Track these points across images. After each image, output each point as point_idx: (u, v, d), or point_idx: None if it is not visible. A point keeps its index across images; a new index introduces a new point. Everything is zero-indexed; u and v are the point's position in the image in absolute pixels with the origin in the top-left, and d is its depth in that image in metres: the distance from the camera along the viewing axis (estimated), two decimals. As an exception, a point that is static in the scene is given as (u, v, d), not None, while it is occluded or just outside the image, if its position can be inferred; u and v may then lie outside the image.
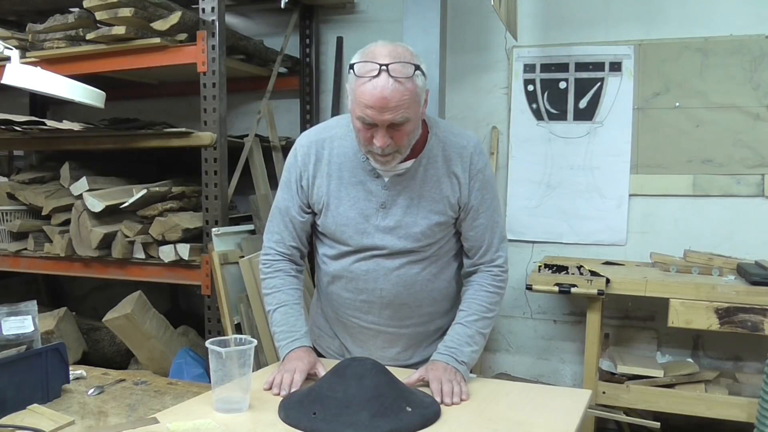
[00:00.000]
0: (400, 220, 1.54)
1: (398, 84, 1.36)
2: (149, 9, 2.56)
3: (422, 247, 1.56)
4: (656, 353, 2.96)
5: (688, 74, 2.89)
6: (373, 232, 1.55)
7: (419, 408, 1.31)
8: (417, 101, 1.42)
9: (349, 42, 3.39)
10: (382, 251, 1.56)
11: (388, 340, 1.64)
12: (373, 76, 1.36)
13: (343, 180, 1.56)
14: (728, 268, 2.66)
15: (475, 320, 1.57)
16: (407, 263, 1.57)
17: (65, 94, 1.81)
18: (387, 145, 1.42)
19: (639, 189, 2.99)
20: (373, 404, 1.26)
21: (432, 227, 1.55)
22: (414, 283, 1.58)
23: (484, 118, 3.23)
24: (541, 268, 2.77)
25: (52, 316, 3.00)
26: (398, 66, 1.37)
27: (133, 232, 2.72)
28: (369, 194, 1.55)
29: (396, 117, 1.38)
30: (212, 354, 1.31)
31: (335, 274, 1.62)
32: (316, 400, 1.30)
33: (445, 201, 1.55)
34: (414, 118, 1.43)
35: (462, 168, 1.55)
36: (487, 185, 1.59)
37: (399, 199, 1.54)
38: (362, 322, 1.64)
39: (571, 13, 3.06)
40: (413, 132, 1.46)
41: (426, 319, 1.65)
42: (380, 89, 1.36)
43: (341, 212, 1.56)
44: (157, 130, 2.69)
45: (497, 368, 3.28)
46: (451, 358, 1.50)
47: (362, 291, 1.59)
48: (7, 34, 2.82)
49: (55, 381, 1.48)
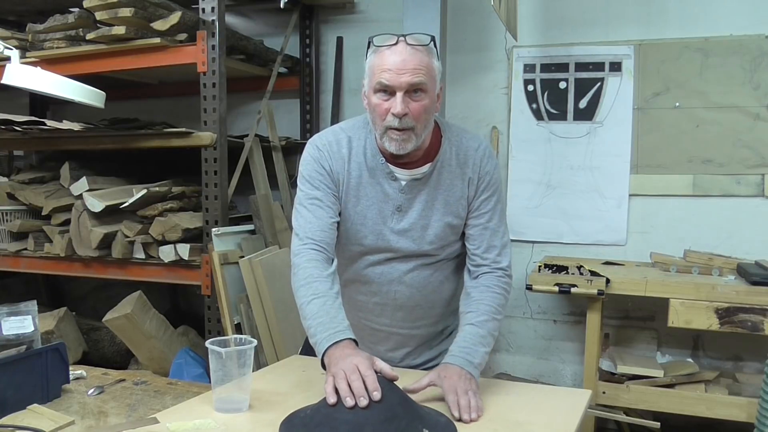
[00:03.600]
0: (415, 223, 1.55)
1: (415, 50, 1.43)
2: (149, 9, 2.56)
3: (436, 250, 1.57)
4: (656, 353, 2.96)
5: (688, 74, 2.89)
6: (388, 234, 1.55)
7: (436, 430, 1.19)
8: (433, 76, 1.45)
9: (349, 42, 3.39)
10: (396, 254, 1.56)
11: (399, 342, 1.65)
12: (392, 44, 1.44)
13: (363, 179, 1.55)
14: (728, 268, 2.66)
15: (486, 321, 1.53)
16: (421, 266, 1.58)
17: (65, 94, 1.81)
18: (404, 114, 1.42)
19: (639, 189, 2.99)
20: (388, 428, 1.13)
21: (446, 230, 1.56)
22: (427, 285, 1.59)
23: (484, 118, 3.23)
24: (541, 268, 2.77)
25: (52, 316, 3.00)
26: (415, 36, 1.45)
27: (133, 232, 2.72)
28: (386, 196, 1.55)
29: (414, 79, 1.41)
30: (212, 354, 1.31)
31: (349, 278, 1.62)
32: (322, 423, 1.15)
33: (459, 204, 1.56)
34: (430, 92, 1.45)
35: (473, 170, 1.57)
36: (493, 187, 1.59)
37: (415, 202, 1.55)
38: (374, 325, 1.64)
39: (571, 13, 3.06)
40: (429, 110, 1.46)
41: (436, 320, 1.67)
42: (399, 53, 1.42)
43: (359, 210, 1.56)
44: (157, 130, 2.69)
45: (497, 368, 3.28)
46: (465, 361, 1.44)
47: (376, 294, 1.60)
48: (7, 34, 2.82)
49: (55, 381, 1.48)
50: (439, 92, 1.50)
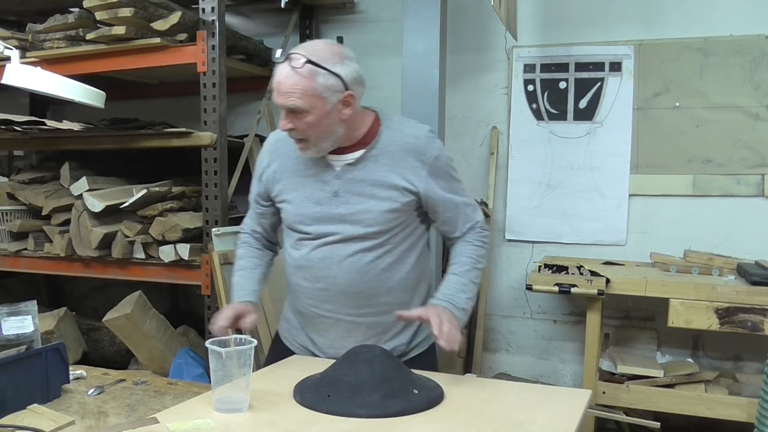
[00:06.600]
0: (352, 207, 1.61)
1: (293, 73, 1.48)
2: (149, 9, 2.56)
3: (374, 234, 1.61)
4: (656, 353, 2.96)
5: (688, 74, 2.90)
6: (328, 219, 1.62)
7: (425, 390, 1.40)
8: (315, 96, 1.50)
9: (349, 42, 3.38)
10: (335, 237, 1.62)
11: (346, 330, 1.68)
12: (280, 62, 1.51)
13: (300, 173, 1.66)
14: (728, 268, 2.66)
15: (467, 270, 1.66)
16: (360, 251, 1.62)
17: (65, 94, 1.81)
18: (288, 129, 1.54)
19: (639, 189, 2.99)
20: (383, 387, 1.35)
21: (384, 213, 1.60)
22: (367, 271, 1.63)
23: (484, 118, 3.23)
24: (541, 268, 2.77)
25: (52, 316, 3.00)
26: (300, 58, 1.48)
27: (133, 232, 2.72)
28: (323, 184, 1.63)
29: (287, 103, 1.50)
30: (212, 354, 1.31)
31: (296, 264, 1.69)
32: (330, 384, 1.38)
33: (396, 189, 1.60)
34: (314, 111, 1.51)
35: (415, 158, 1.61)
36: (444, 169, 1.65)
37: (351, 187, 1.61)
38: (321, 311, 1.69)
39: (571, 13, 3.06)
40: (317, 125, 1.53)
41: (383, 309, 1.67)
42: (279, 73, 1.51)
43: (299, 202, 1.65)
44: (157, 130, 2.69)
45: (497, 368, 3.28)
46: (449, 304, 1.58)
47: (319, 279, 1.65)
48: (7, 34, 2.82)
49: (55, 381, 1.48)
50: (347, 98, 1.53)
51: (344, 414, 1.30)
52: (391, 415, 1.30)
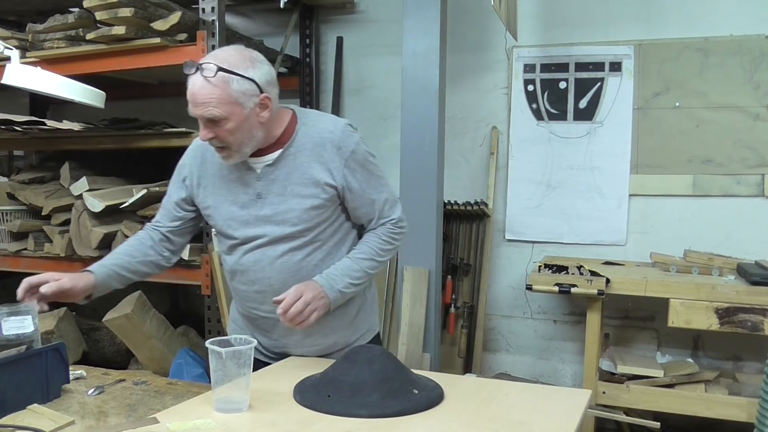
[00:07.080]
0: (276, 207, 1.61)
1: (206, 83, 1.48)
2: (149, 9, 2.56)
3: (301, 232, 1.62)
4: (656, 353, 2.96)
5: (688, 74, 2.90)
6: (254, 222, 1.63)
7: (425, 390, 1.40)
8: (231, 102, 1.49)
9: (349, 42, 3.39)
10: (263, 239, 1.62)
11: (286, 328, 1.66)
12: (191, 74, 1.50)
13: (224, 178, 1.65)
14: (728, 268, 2.66)
15: (364, 258, 1.65)
16: (289, 250, 1.62)
17: (65, 94, 1.81)
18: (208, 139, 1.53)
19: (639, 189, 2.99)
20: (383, 387, 1.35)
21: (307, 211, 1.61)
22: (299, 270, 1.63)
23: (484, 118, 3.23)
24: (541, 268, 2.77)
25: (52, 316, 3.00)
26: (211, 67, 1.47)
27: (133, 232, 2.71)
28: (246, 187, 1.63)
29: (205, 113, 1.49)
30: (212, 354, 1.31)
31: (230, 269, 1.70)
32: (330, 383, 1.38)
33: (317, 185, 1.60)
34: (232, 118, 1.50)
35: (332, 152, 1.61)
36: (361, 163, 1.63)
37: (272, 187, 1.61)
38: (261, 313, 1.69)
39: (571, 13, 3.06)
40: (237, 131, 1.52)
41: None
42: (192, 84, 1.50)
43: (224, 208, 1.65)
44: (157, 130, 2.69)
45: (497, 368, 3.28)
46: (327, 282, 1.59)
47: (254, 282, 1.66)
48: (7, 34, 2.82)
49: (55, 381, 1.48)
50: (263, 101, 1.53)
51: (344, 414, 1.30)
52: (390, 415, 1.30)
